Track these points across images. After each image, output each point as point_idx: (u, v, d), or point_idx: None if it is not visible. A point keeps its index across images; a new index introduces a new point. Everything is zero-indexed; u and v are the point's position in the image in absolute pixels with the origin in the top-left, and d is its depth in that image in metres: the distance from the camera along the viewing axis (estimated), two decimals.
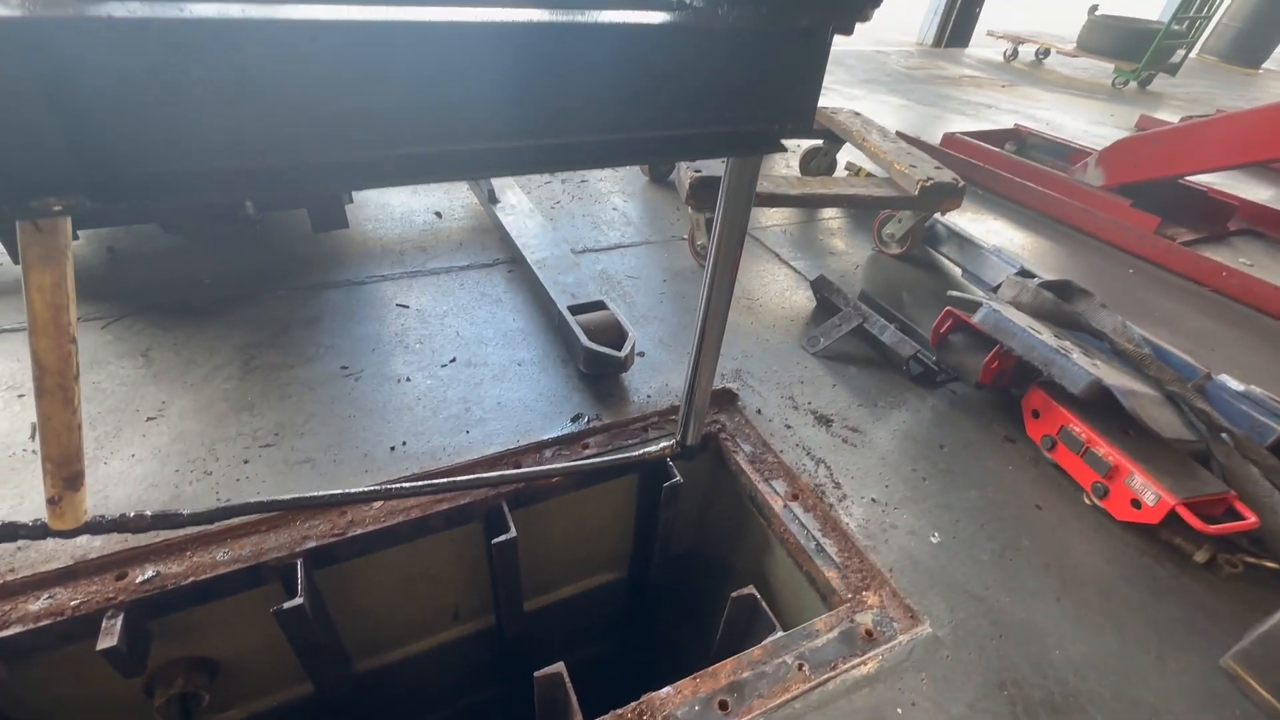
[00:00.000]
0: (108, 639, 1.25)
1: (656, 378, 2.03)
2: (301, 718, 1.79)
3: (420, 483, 1.45)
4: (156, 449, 1.62)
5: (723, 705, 1.23)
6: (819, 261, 2.88)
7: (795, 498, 1.69)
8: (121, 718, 1.52)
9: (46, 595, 1.31)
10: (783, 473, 1.76)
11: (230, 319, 2.09)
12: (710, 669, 1.29)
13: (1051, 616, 1.45)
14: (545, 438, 1.77)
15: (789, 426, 1.91)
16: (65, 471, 0.97)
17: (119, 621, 1.28)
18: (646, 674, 2.35)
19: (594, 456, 1.74)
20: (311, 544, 1.41)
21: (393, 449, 1.69)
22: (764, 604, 1.45)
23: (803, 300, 2.55)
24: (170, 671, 1.47)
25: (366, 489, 1.40)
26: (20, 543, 1.38)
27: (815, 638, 1.37)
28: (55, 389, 0.89)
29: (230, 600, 1.43)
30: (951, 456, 1.86)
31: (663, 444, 1.70)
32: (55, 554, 1.37)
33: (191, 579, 1.36)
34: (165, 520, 1.19)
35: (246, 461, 1.61)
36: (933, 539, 1.60)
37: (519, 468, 1.69)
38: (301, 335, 2.05)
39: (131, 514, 1.16)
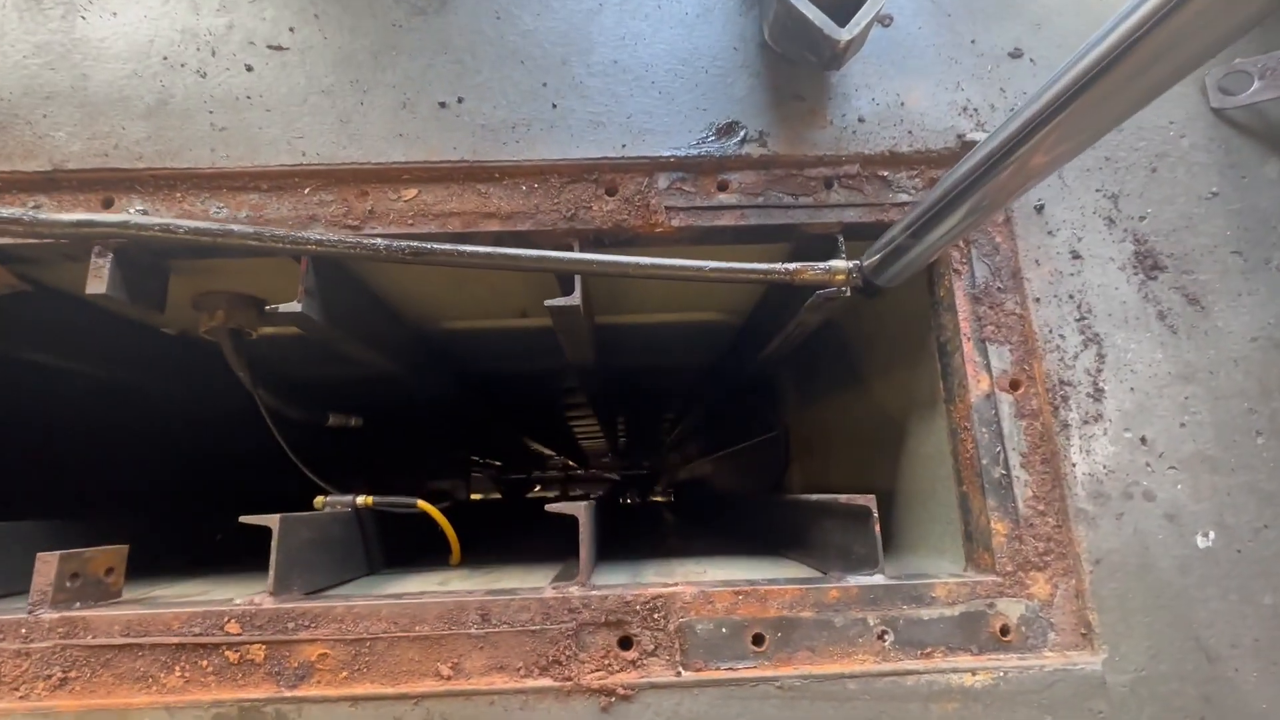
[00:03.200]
0: (96, 282, 1.06)
1: (891, 82, 1.14)
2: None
3: (447, 246, 0.95)
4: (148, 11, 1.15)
5: (758, 639, 0.94)
6: None
7: (1015, 387, 1.04)
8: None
9: (32, 203, 1.08)
10: (1019, 337, 1.06)
11: None
12: (761, 588, 0.96)
13: None
14: (665, 153, 1.10)
15: (1076, 257, 1.08)
16: None
17: (108, 263, 1.07)
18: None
19: (730, 213, 1.09)
20: (316, 236, 1.03)
21: (443, 105, 1.12)
22: (877, 530, 1.00)
23: None
24: (212, 301, 1.34)
25: (357, 240, 0.92)
26: None
27: (923, 604, 0.96)
28: None
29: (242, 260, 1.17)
30: None
31: (835, 262, 1.00)
32: (33, 151, 1.09)
33: (183, 235, 1.07)
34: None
35: (250, 69, 1.12)
36: (1200, 540, 0.98)
37: (611, 192, 1.10)
38: None
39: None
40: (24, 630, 0.92)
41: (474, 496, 6.28)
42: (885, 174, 1.12)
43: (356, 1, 1.16)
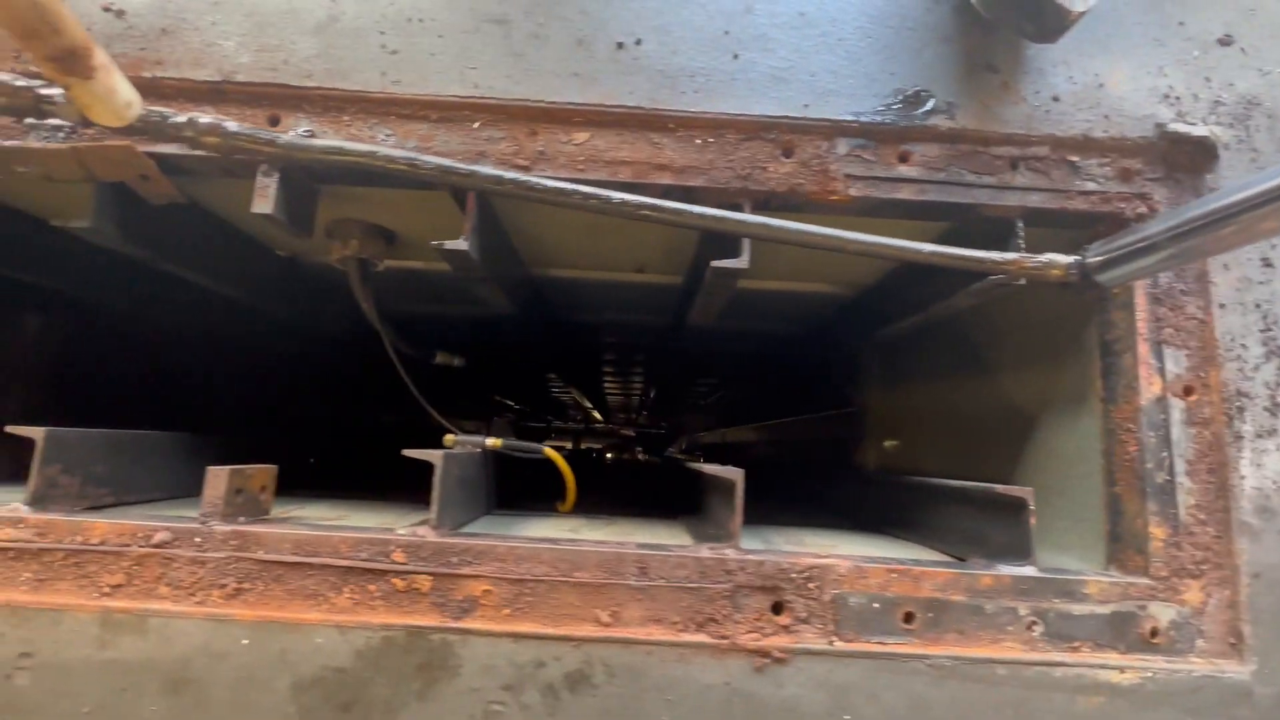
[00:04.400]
0: (261, 202, 1.04)
1: (1091, 61, 1.08)
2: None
3: (619, 195, 0.92)
4: None
5: (909, 618, 0.95)
6: None
7: (1188, 393, 1.02)
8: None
9: (197, 115, 1.06)
10: (1197, 343, 1.03)
11: None
12: (913, 568, 0.96)
13: None
14: (848, 117, 1.06)
15: (1268, 265, 1.04)
16: (44, 49, 0.55)
17: (274, 183, 1.05)
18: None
19: (910, 186, 1.05)
20: (486, 170, 1.00)
21: (620, 46, 1.07)
22: (1032, 522, 1.00)
23: None
24: (347, 230, 1.33)
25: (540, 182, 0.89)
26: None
27: (1074, 599, 0.96)
28: None
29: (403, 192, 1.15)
30: None
31: (1054, 255, 0.96)
32: (201, 59, 1.06)
33: (350, 158, 1.05)
34: (257, 145, 0.81)
35: None
36: None
37: (788, 153, 1.06)
38: None
39: (205, 120, 0.77)
40: (198, 540, 0.95)
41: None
42: (1075, 159, 1.07)
43: None
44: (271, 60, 1.06)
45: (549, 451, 1.26)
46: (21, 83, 0.77)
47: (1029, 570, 0.98)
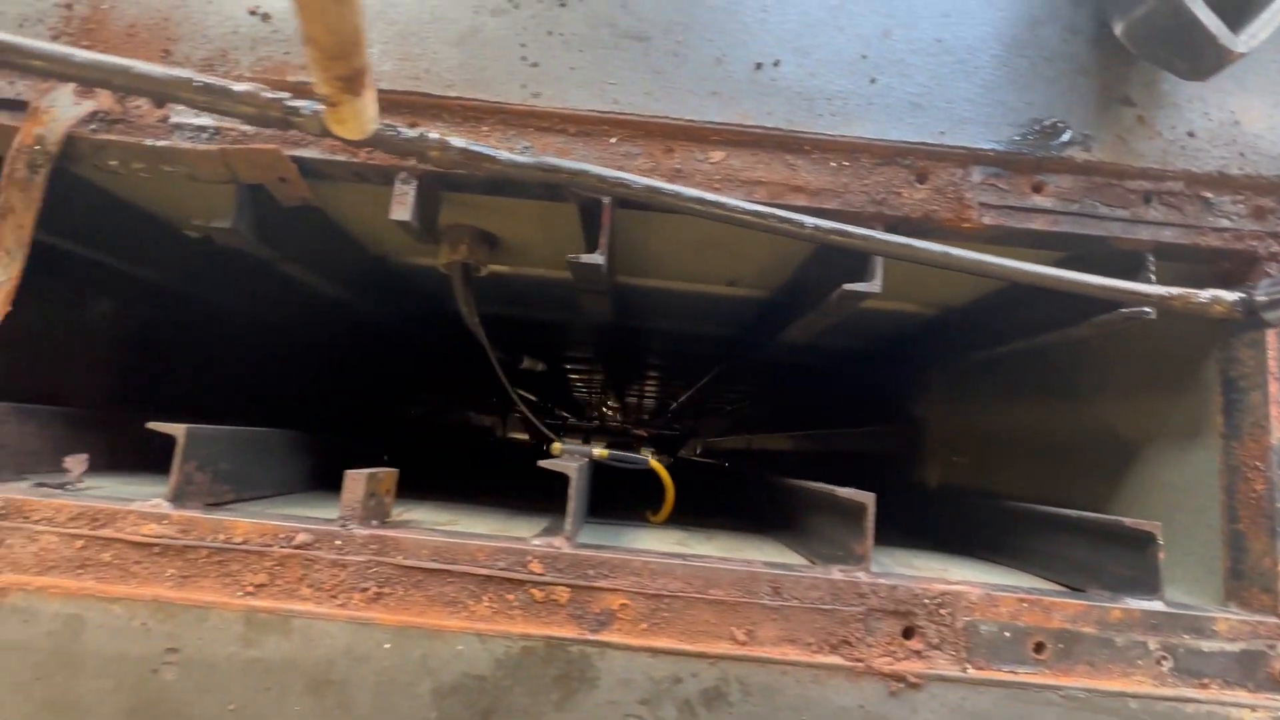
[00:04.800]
0: (400, 209, 1.05)
1: (1228, 97, 1.08)
2: (560, 290, 1.77)
3: (762, 207, 0.93)
4: None
5: (1039, 647, 0.96)
6: None
7: None
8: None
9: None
10: None
11: None
12: (1043, 599, 0.97)
13: None
14: (984, 146, 1.06)
15: None
16: (341, 69, 0.56)
17: (412, 190, 1.06)
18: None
19: (1043, 217, 1.06)
20: (625, 181, 1.01)
21: (759, 66, 1.08)
22: (1160, 557, 1.00)
23: None
24: (457, 235, 1.34)
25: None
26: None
27: (1202, 635, 0.97)
28: None
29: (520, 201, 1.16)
30: None
31: (1219, 292, 0.96)
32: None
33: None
34: (476, 161, 0.82)
35: (563, 4, 1.09)
36: None
37: (922, 179, 1.07)
38: None
39: (434, 136, 0.78)
40: (339, 543, 0.96)
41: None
42: (1208, 195, 1.07)
43: None
44: (413, 69, 1.07)
45: (654, 463, 1.27)
46: (269, 95, 0.78)
47: (1157, 605, 0.98)
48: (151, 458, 1.26)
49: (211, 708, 0.90)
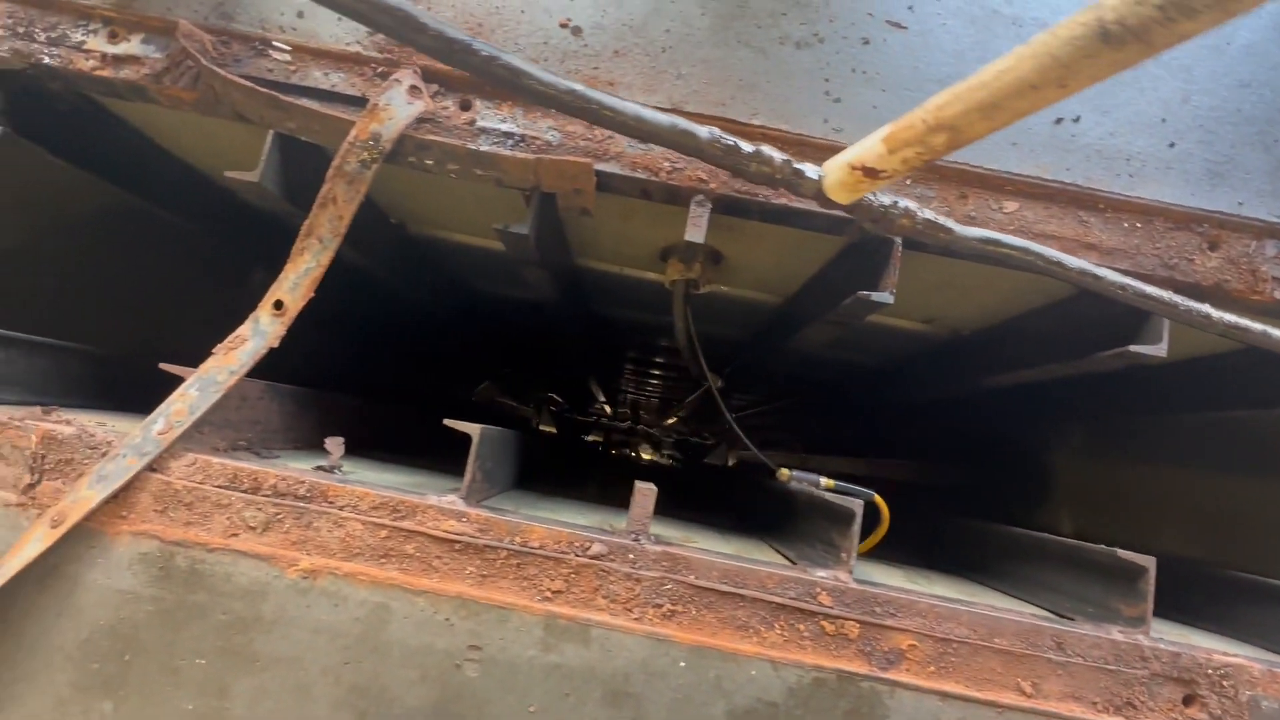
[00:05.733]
0: (695, 229, 1.07)
1: None
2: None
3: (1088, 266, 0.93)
4: None
5: None
6: None
7: None
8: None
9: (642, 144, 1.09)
10: None
11: None
12: None
13: None
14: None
15: None
16: (914, 158, 0.58)
17: (706, 214, 1.08)
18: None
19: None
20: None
21: (1059, 121, 1.08)
22: None
23: None
24: (692, 253, 1.35)
25: None
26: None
27: None
28: None
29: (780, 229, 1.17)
30: None
31: None
32: (653, 85, 1.09)
33: (779, 199, 1.07)
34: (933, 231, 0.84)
35: (866, 42, 1.10)
36: None
37: (1214, 247, 1.07)
38: None
39: (904, 205, 0.81)
40: (632, 556, 0.97)
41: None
42: None
43: None
44: (719, 95, 1.09)
45: (878, 499, 1.28)
46: (780, 158, 0.81)
47: None
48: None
49: (512, 707, 0.92)
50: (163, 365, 1.03)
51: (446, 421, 1.04)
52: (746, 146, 0.81)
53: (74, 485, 0.96)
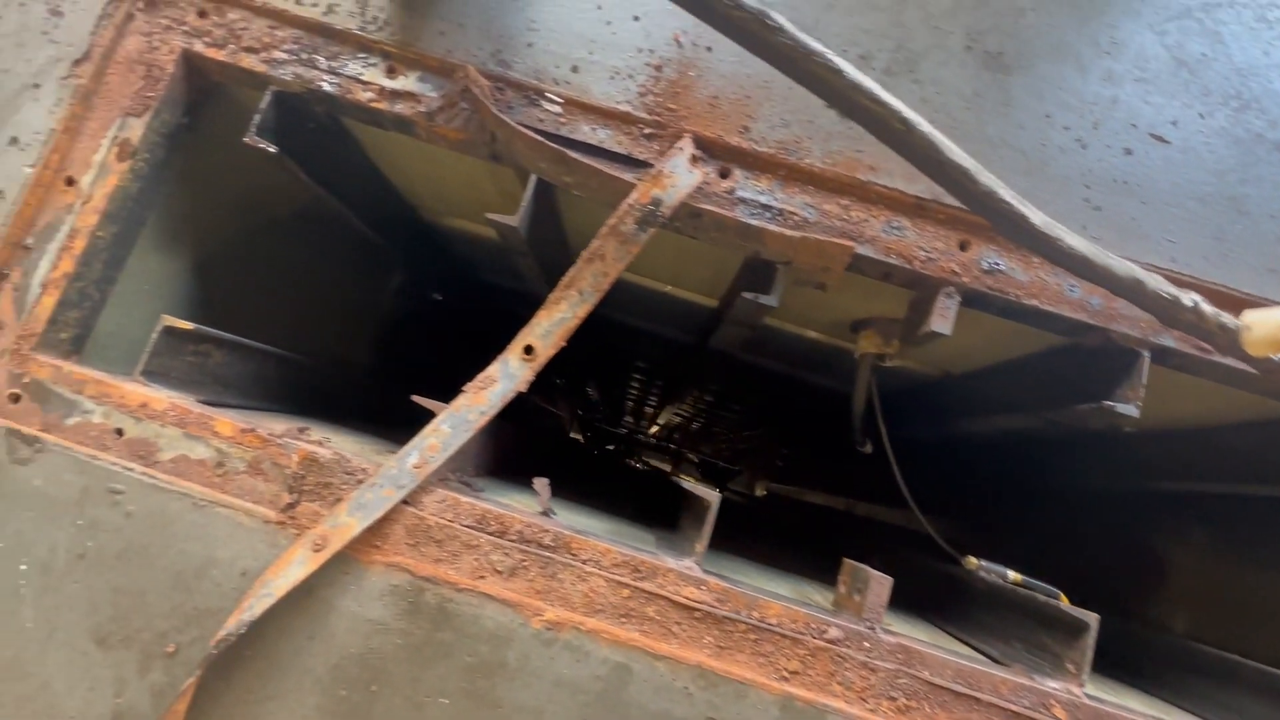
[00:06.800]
0: (941, 320, 1.08)
1: None
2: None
3: None
4: None
5: None
6: None
7: None
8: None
9: (892, 224, 1.10)
10: None
11: None
12: None
13: None
14: None
15: None
16: None
17: (954, 305, 1.09)
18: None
19: None
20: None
21: None
22: None
23: None
24: (889, 330, 1.36)
25: None
26: None
27: None
28: None
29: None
30: None
31: None
32: (914, 174, 1.10)
33: (1029, 298, 1.08)
34: None
35: (1129, 152, 1.10)
36: None
37: None
38: None
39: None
40: (867, 645, 0.98)
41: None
42: None
43: None
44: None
45: (1064, 599, 1.27)
46: (1209, 311, 0.83)
47: None
48: None
49: None
50: (415, 398, 1.06)
51: (684, 484, 1.05)
52: (1187, 300, 0.82)
53: (332, 510, 0.98)
